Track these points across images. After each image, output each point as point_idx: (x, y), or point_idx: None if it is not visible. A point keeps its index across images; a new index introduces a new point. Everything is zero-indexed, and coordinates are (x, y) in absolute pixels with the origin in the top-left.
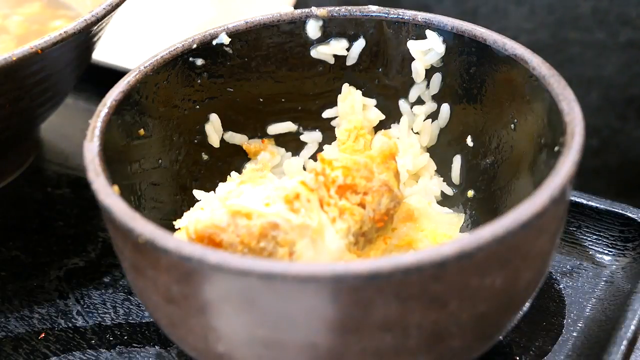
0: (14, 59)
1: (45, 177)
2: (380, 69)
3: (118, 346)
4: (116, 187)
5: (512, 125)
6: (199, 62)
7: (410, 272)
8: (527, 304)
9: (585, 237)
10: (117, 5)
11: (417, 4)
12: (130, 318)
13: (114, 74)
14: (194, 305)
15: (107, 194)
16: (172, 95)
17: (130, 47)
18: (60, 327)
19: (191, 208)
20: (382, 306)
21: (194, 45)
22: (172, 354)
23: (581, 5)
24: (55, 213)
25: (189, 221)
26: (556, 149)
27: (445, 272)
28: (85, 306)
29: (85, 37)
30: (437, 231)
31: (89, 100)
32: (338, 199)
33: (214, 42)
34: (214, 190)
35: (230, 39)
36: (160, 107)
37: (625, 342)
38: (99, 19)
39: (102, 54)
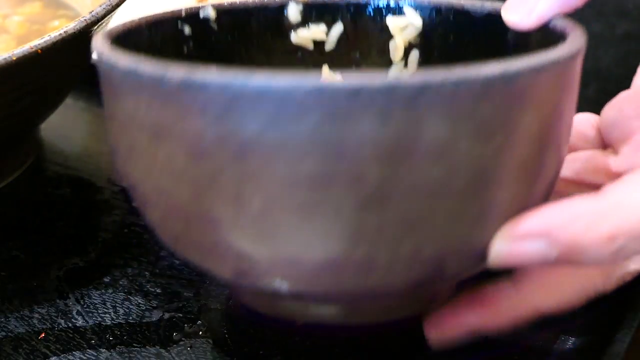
0: (14, 59)
1: (45, 177)
2: (358, 55)
3: (118, 346)
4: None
5: None
6: (187, 30)
7: (459, 85)
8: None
9: None
10: (117, 5)
11: None
12: (130, 318)
13: None
14: (232, 148)
15: (115, 52)
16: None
17: None
18: (60, 327)
19: None
20: (432, 126)
21: (183, 14)
22: (172, 354)
23: None
24: (55, 213)
25: None
26: None
27: (492, 91)
28: (85, 306)
29: (85, 37)
30: None
31: (89, 100)
32: None
33: (202, 15)
34: None
35: (216, 15)
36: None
37: (625, 342)
38: (99, 19)
39: None
